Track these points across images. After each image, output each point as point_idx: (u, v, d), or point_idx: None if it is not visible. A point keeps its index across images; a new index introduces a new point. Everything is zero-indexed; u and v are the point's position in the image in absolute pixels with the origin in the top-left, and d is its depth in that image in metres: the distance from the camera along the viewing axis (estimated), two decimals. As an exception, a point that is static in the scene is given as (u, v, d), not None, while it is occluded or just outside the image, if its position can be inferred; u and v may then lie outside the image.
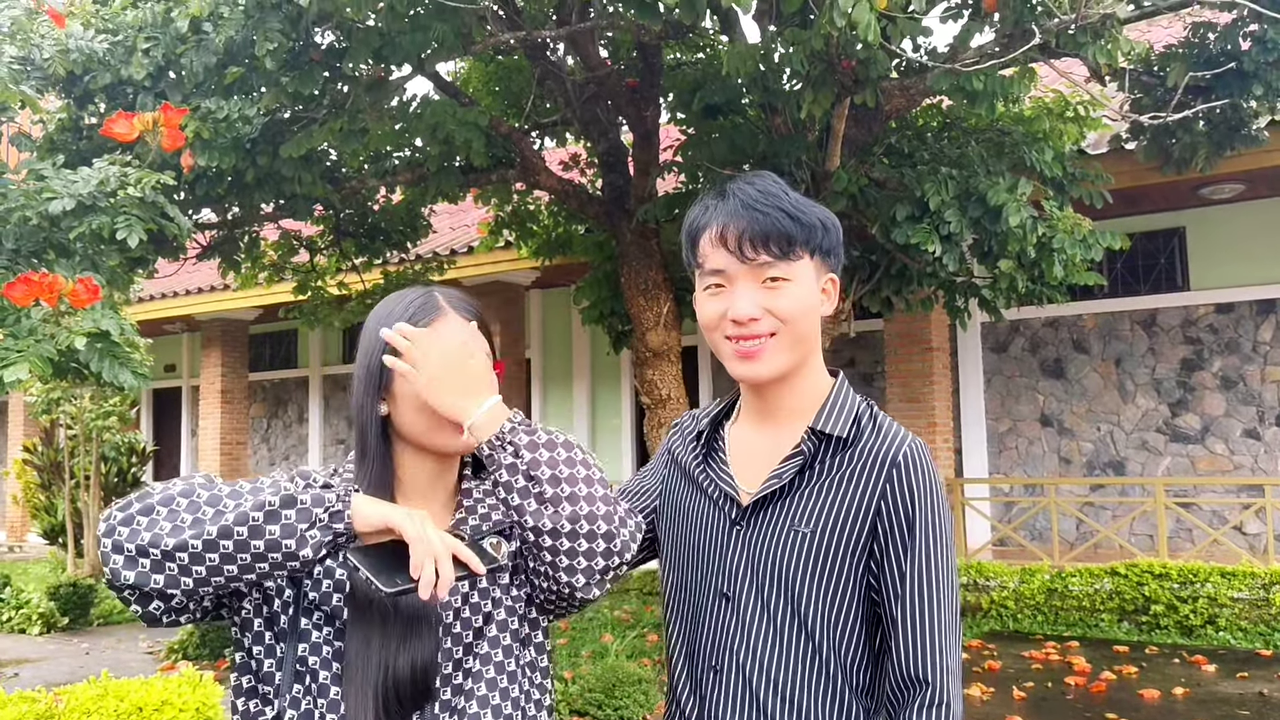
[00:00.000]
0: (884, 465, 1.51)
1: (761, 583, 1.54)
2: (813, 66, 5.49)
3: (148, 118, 4.01)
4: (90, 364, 3.71)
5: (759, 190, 1.53)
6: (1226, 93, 6.11)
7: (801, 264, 1.53)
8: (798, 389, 1.60)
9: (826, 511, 1.52)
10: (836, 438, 1.55)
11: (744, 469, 1.62)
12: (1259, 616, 7.39)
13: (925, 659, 1.44)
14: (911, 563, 1.47)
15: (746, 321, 1.51)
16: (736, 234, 1.51)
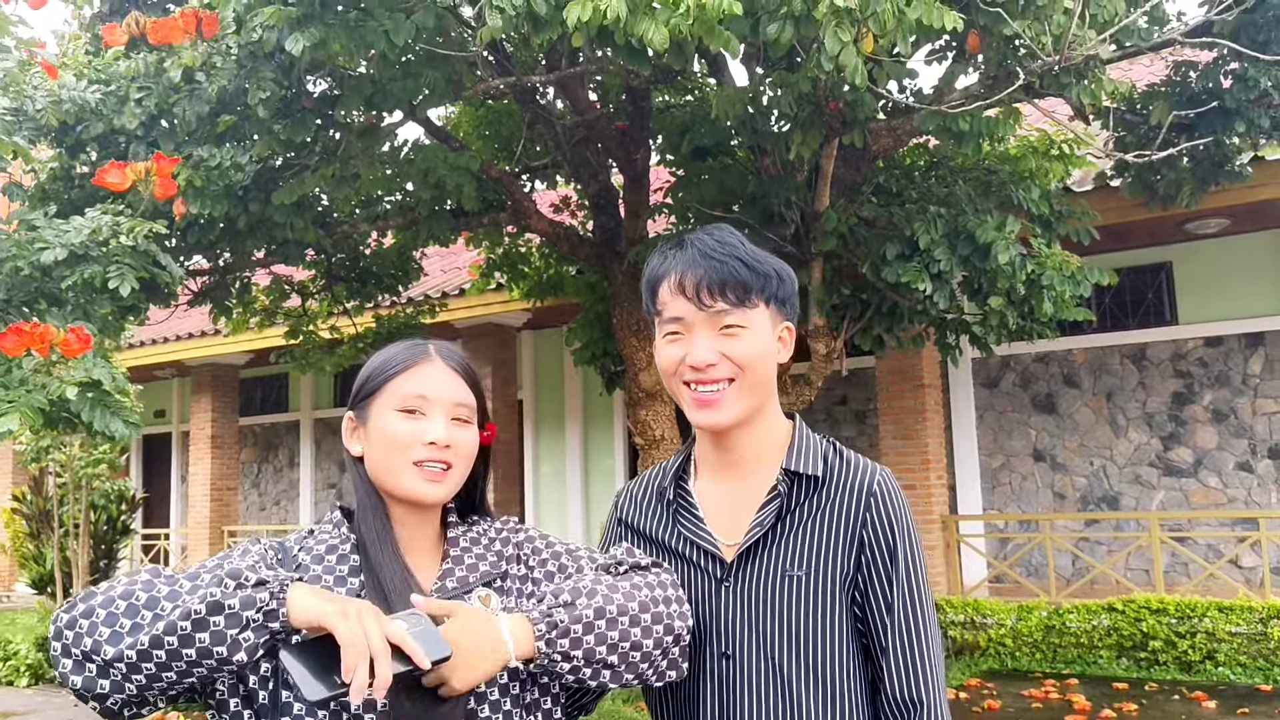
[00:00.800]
0: (861, 496, 1.57)
1: (763, 633, 1.54)
2: (800, 108, 5.55)
3: (140, 167, 4.03)
4: (81, 414, 3.69)
5: (716, 240, 1.57)
6: (1209, 130, 6.19)
7: (757, 312, 1.56)
8: (758, 434, 1.62)
9: (816, 550, 1.55)
10: (810, 477, 1.59)
11: (717, 524, 1.62)
12: (1258, 651, 7.36)
13: (918, 682, 1.52)
14: (897, 591, 1.53)
15: (704, 367, 1.54)
16: (694, 282, 1.54)
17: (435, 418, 1.46)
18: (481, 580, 1.46)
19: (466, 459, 1.49)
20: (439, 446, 1.44)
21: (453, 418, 1.48)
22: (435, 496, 1.45)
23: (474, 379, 1.53)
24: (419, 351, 1.51)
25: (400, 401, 1.46)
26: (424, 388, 1.47)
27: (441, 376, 1.49)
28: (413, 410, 1.46)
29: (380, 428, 1.46)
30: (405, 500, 1.46)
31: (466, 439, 1.49)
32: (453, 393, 1.49)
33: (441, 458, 1.44)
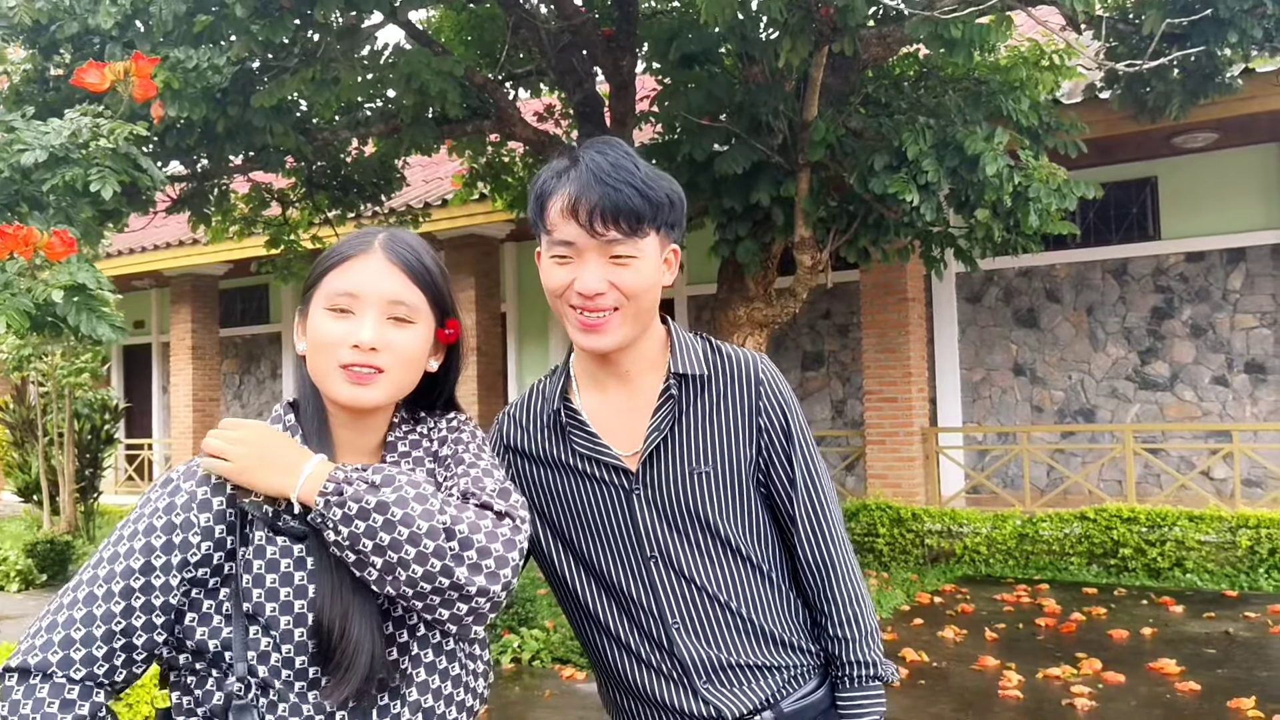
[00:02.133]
0: (751, 385, 1.64)
1: (684, 529, 1.61)
2: (791, 14, 5.46)
3: (119, 67, 3.93)
4: (68, 317, 3.67)
5: (611, 163, 1.53)
6: (1201, 40, 6.13)
7: (648, 240, 1.56)
8: (640, 348, 1.64)
9: (717, 444, 1.62)
10: (697, 376, 1.64)
11: (611, 436, 1.64)
12: (1225, 559, 7.57)
13: (829, 541, 1.65)
14: (798, 465, 1.64)
15: (593, 295, 1.54)
16: (588, 208, 1.51)
17: (365, 317, 1.36)
18: None
19: (405, 363, 1.38)
20: (364, 349, 1.34)
21: (390, 317, 1.37)
22: (363, 401, 1.36)
23: (421, 273, 1.41)
24: (360, 243, 1.41)
25: (330, 299, 1.37)
26: (355, 284, 1.37)
27: (378, 271, 1.38)
28: (342, 309, 1.36)
29: (312, 326, 1.38)
30: (337, 404, 1.38)
31: (403, 340, 1.38)
32: (388, 289, 1.37)
33: (369, 361, 1.34)
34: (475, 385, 11.42)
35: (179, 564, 1.29)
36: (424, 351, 1.42)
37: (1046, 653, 5.82)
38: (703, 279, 10.53)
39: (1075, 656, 5.64)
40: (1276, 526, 7.40)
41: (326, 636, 1.26)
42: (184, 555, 1.29)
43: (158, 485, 1.35)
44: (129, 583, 1.28)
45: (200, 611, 1.30)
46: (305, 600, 1.29)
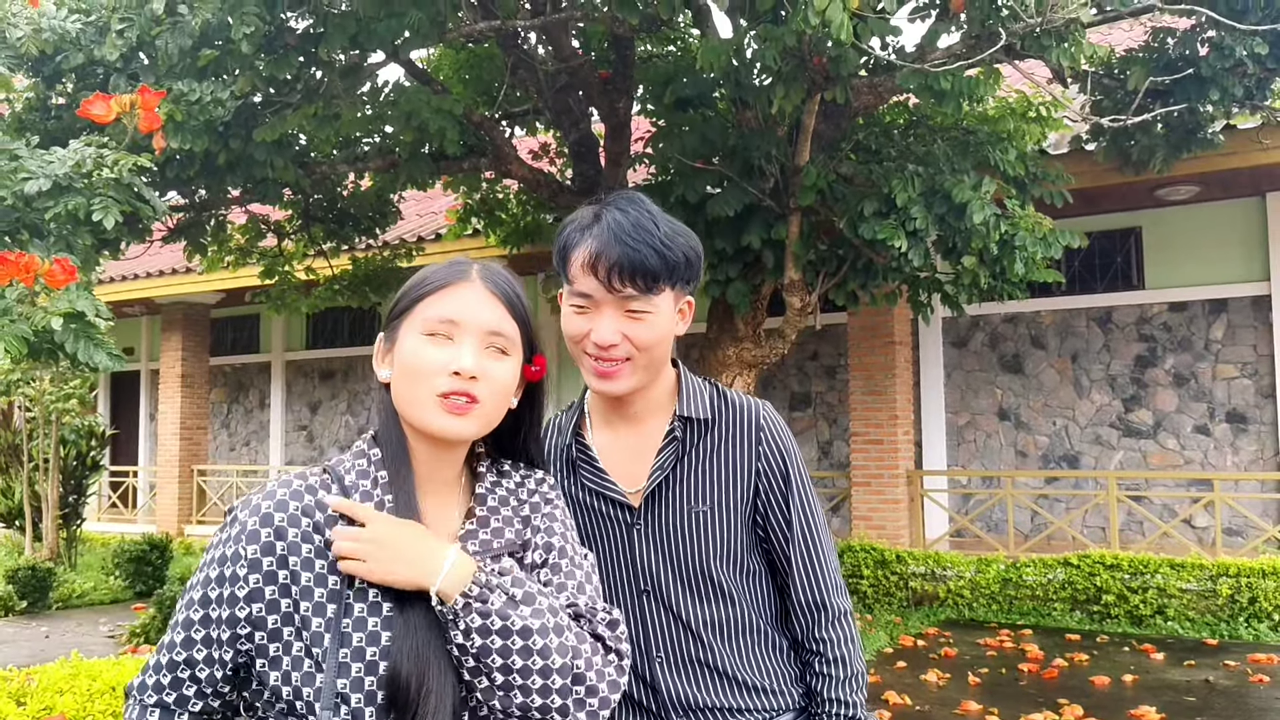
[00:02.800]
0: (752, 431, 1.73)
1: (677, 566, 1.69)
2: (784, 62, 5.58)
3: (125, 99, 4.00)
4: (65, 345, 3.71)
5: (632, 222, 1.60)
6: (1184, 97, 6.28)
7: (663, 296, 1.63)
8: (651, 393, 1.72)
9: (716, 485, 1.70)
10: (701, 420, 1.72)
11: (617, 473, 1.72)
12: (1206, 607, 7.62)
13: (823, 586, 1.72)
14: (795, 510, 1.71)
15: (607, 346, 1.61)
16: (606, 266, 1.58)
17: (464, 345, 1.31)
18: (506, 549, 1.35)
19: (498, 394, 1.34)
20: (464, 377, 1.29)
21: (486, 346, 1.33)
22: (458, 432, 1.31)
23: (517, 306, 1.38)
24: (457, 271, 1.38)
25: (428, 325, 1.32)
26: (455, 311, 1.32)
27: (478, 300, 1.34)
28: (441, 335, 1.32)
29: (404, 352, 1.33)
30: (426, 434, 1.33)
31: (499, 371, 1.34)
32: (488, 319, 1.34)
33: (467, 389, 1.30)
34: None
35: (228, 598, 1.27)
36: (514, 385, 1.39)
37: (1029, 698, 5.84)
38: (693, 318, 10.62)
39: (1057, 702, 5.66)
40: (1256, 576, 7.46)
41: (404, 689, 1.20)
42: (233, 589, 1.26)
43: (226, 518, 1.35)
44: (189, 614, 1.29)
45: (269, 656, 1.25)
46: (378, 647, 1.23)
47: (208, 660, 1.28)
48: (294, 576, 1.26)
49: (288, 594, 1.25)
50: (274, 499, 1.30)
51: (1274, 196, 8.96)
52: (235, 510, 1.32)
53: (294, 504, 1.30)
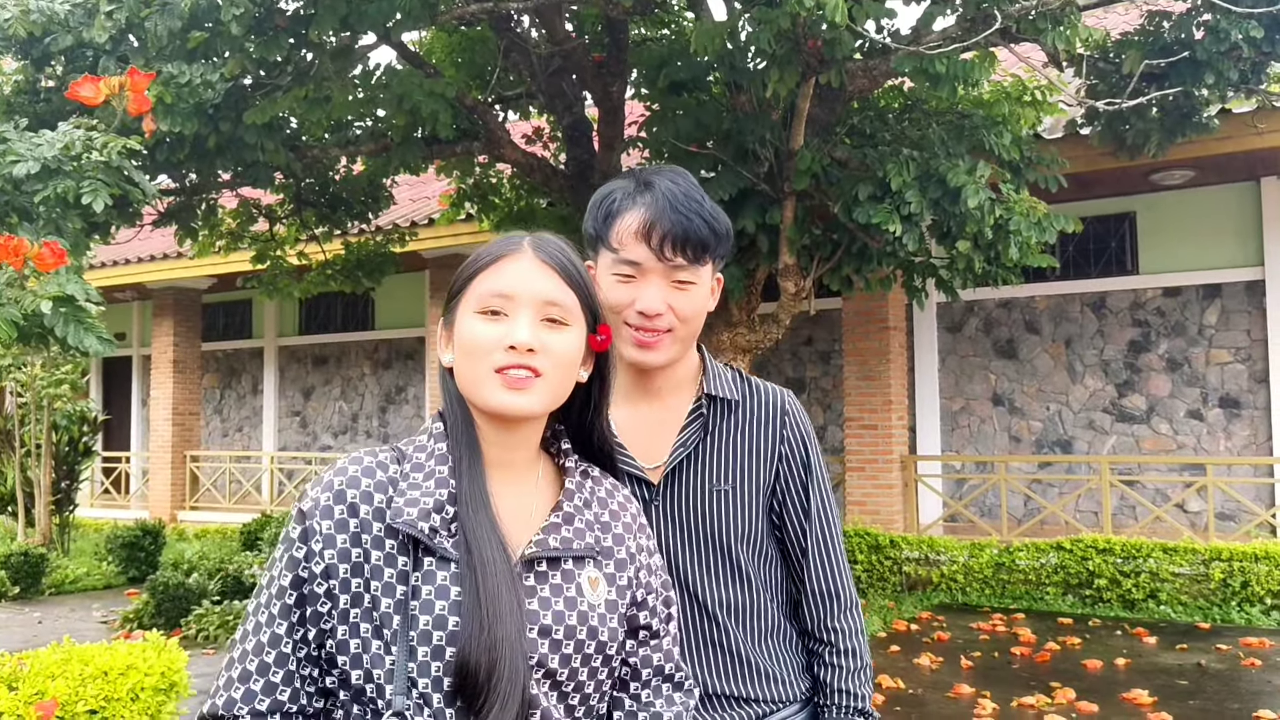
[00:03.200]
0: (776, 415, 1.73)
1: (697, 546, 1.67)
2: (779, 45, 5.55)
3: (114, 81, 3.97)
4: (55, 329, 3.68)
5: (684, 193, 1.61)
6: (1179, 80, 6.27)
7: (706, 269, 1.65)
8: (677, 370, 1.72)
9: (739, 466, 1.70)
10: (726, 400, 1.72)
11: (635, 449, 1.70)
12: (1199, 591, 7.65)
13: (838, 575, 1.73)
14: (814, 498, 1.72)
15: (653, 316, 1.61)
16: (660, 234, 1.58)
17: (520, 317, 1.28)
18: (585, 552, 1.30)
19: (561, 366, 1.30)
20: (521, 350, 1.26)
21: (544, 318, 1.29)
22: (520, 407, 1.27)
23: (573, 273, 1.33)
24: (509, 245, 1.34)
25: (481, 301, 1.29)
26: (508, 284, 1.29)
27: (530, 271, 1.30)
28: (495, 311, 1.29)
29: (462, 332, 1.30)
30: (490, 414, 1.29)
31: (559, 343, 1.29)
32: (542, 289, 1.29)
33: (526, 363, 1.26)
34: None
35: (307, 577, 1.23)
36: (579, 357, 1.33)
37: (1021, 681, 5.86)
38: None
39: (1050, 686, 5.68)
40: (1249, 560, 7.48)
41: (473, 674, 1.16)
42: (310, 565, 1.23)
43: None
44: (284, 601, 1.23)
45: (337, 639, 1.22)
46: (445, 632, 1.19)
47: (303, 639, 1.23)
48: (366, 555, 1.22)
49: (360, 573, 1.22)
50: (346, 474, 1.26)
51: (1268, 181, 8.96)
52: (307, 490, 1.28)
53: (366, 480, 1.26)
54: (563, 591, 1.26)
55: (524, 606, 1.22)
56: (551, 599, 1.25)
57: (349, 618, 1.21)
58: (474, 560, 1.20)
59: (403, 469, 1.28)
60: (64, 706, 3.48)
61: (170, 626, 7.34)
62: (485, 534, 1.22)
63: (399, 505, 1.23)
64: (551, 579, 1.26)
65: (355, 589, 1.22)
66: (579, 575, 1.28)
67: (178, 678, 3.88)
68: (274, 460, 14.26)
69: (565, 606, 1.25)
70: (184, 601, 7.59)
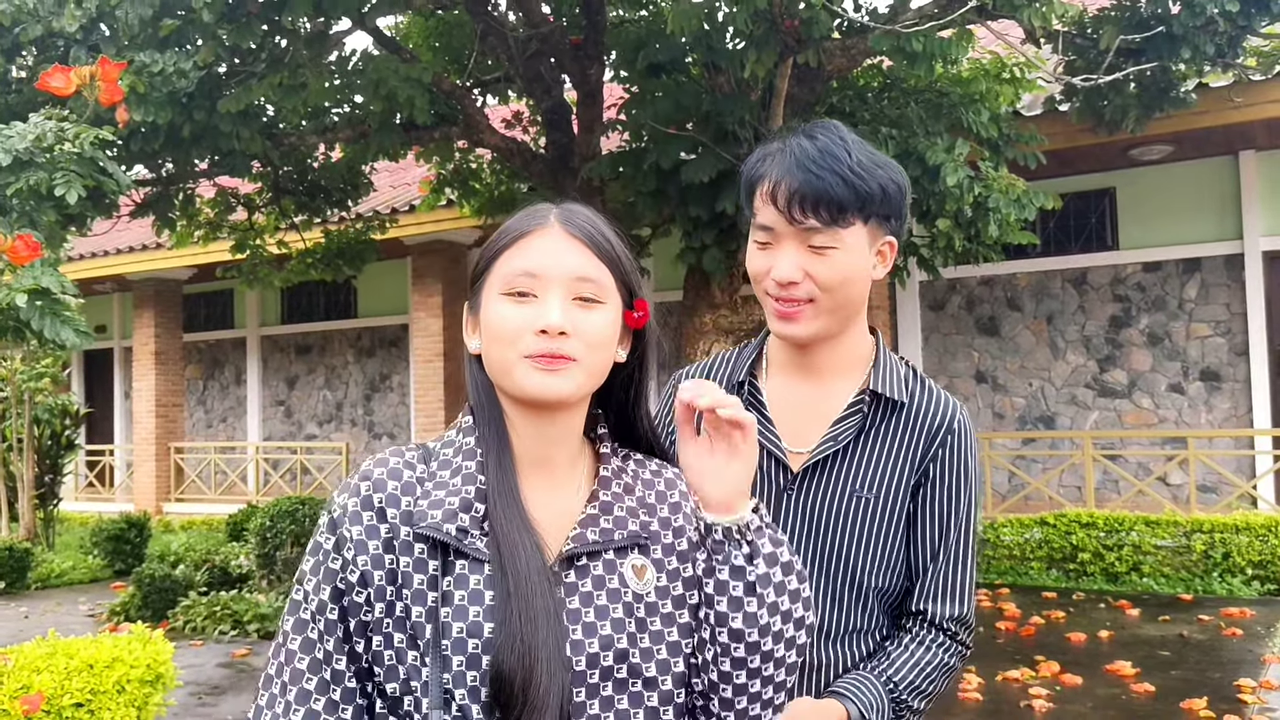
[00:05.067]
0: (938, 433, 1.54)
1: (819, 548, 1.53)
2: (756, 26, 5.53)
3: (84, 71, 3.93)
4: (31, 322, 3.66)
5: (819, 149, 1.46)
6: (1156, 55, 6.27)
7: (852, 231, 1.47)
8: (840, 349, 1.57)
9: (885, 475, 1.54)
10: (891, 400, 1.55)
11: (784, 428, 1.57)
12: (1181, 563, 7.72)
13: (964, 602, 1.56)
14: (955, 524, 1.54)
15: (787, 284, 1.48)
16: (787, 194, 1.45)
17: (550, 298, 1.17)
18: (629, 541, 1.21)
19: (596, 348, 1.19)
20: (553, 334, 1.16)
21: (576, 297, 1.19)
22: (554, 391, 1.17)
23: (604, 246, 1.22)
24: (534, 219, 1.23)
25: (507, 282, 1.19)
26: (535, 262, 1.19)
27: (557, 246, 1.20)
28: (522, 293, 1.18)
29: (489, 317, 1.20)
30: (523, 401, 1.20)
31: (593, 323, 1.19)
32: (572, 265, 1.19)
33: (558, 349, 1.16)
34: (442, 390, 11.41)
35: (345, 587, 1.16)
36: (615, 336, 1.23)
37: (1006, 655, 5.91)
38: (669, 286, 10.58)
39: (1034, 659, 5.73)
40: (1230, 531, 7.56)
41: (508, 684, 1.09)
42: (346, 576, 1.15)
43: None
44: (327, 617, 1.15)
45: (373, 649, 1.15)
46: (480, 640, 1.12)
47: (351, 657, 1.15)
48: (397, 561, 1.15)
49: (393, 580, 1.14)
50: (371, 478, 1.19)
51: (1246, 155, 9.00)
52: (333, 498, 1.21)
53: (392, 483, 1.18)
54: (605, 584, 1.18)
55: (562, 609, 1.14)
56: (594, 593, 1.17)
57: (383, 627, 1.14)
58: (505, 562, 1.12)
59: (430, 468, 1.21)
60: (49, 700, 3.47)
61: (157, 619, 7.33)
62: (517, 533, 1.14)
63: (423, 508, 1.16)
64: (593, 571, 1.18)
65: (389, 597, 1.14)
66: (621, 565, 1.19)
67: (164, 670, 3.88)
68: (259, 450, 14.22)
69: (609, 600, 1.17)
70: (171, 593, 7.57)
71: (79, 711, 3.55)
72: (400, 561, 1.14)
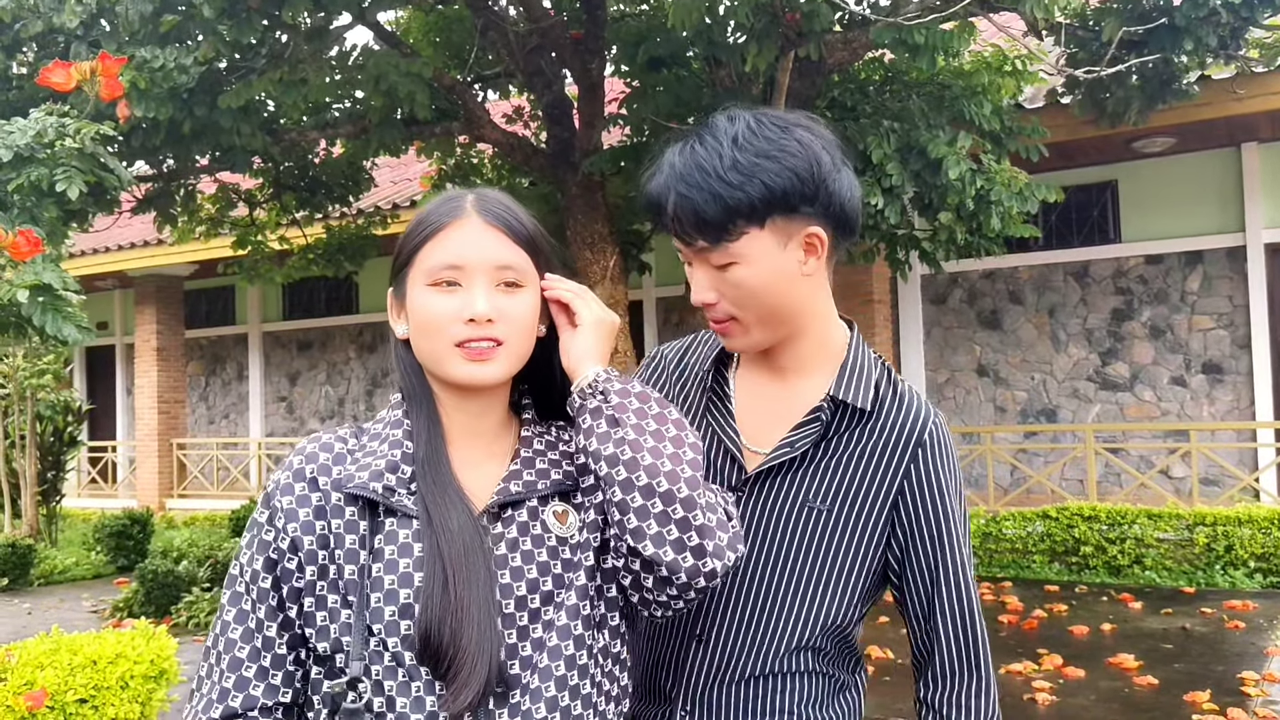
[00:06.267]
0: (909, 444, 1.41)
1: (763, 559, 1.42)
2: (757, 19, 5.52)
3: (85, 67, 3.92)
4: (33, 318, 3.66)
5: (693, 162, 1.33)
6: (1159, 47, 6.25)
7: (747, 239, 1.32)
8: (801, 348, 1.45)
9: (845, 487, 1.41)
10: (857, 408, 1.42)
11: (750, 424, 1.47)
12: (1183, 556, 7.71)
13: (973, 648, 1.43)
14: (945, 552, 1.41)
15: (705, 307, 1.39)
16: (668, 218, 1.35)
17: (474, 287, 1.23)
18: (553, 489, 1.27)
19: (521, 330, 1.26)
20: (480, 322, 1.22)
21: (497, 284, 1.24)
22: (484, 378, 1.23)
23: (521, 232, 1.27)
24: (450, 209, 1.27)
25: (432, 274, 1.24)
26: (457, 254, 1.23)
27: (478, 236, 1.25)
28: (448, 283, 1.23)
29: (415, 307, 1.25)
30: (454, 386, 1.26)
31: (517, 307, 1.25)
32: (493, 254, 1.24)
33: (487, 334, 1.22)
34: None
35: (278, 556, 1.21)
36: (536, 317, 1.30)
37: (1009, 649, 5.91)
38: (672, 280, 10.58)
39: (1037, 652, 5.73)
40: (1232, 524, 7.55)
41: (435, 637, 1.13)
42: (279, 545, 1.21)
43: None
44: (259, 585, 1.21)
45: (304, 611, 1.20)
46: (411, 590, 1.17)
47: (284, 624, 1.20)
48: (329, 526, 1.21)
49: (325, 544, 1.20)
50: (304, 452, 1.26)
51: (1249, 147, 8.98)
52: (270, 476, 1.29)
53: (324, 455, 1.25)
54: (529, 530, 1.24)
55: (490, 557, 1.19)
56: (519, 539, 1.23)
57: (316, 589, 1.20)
58: (432, 513, 1.18)
59: (361, 442, 1.28)
60: (53, 696, 3.48)
61: (160, 614, 7.34)
62: (444, 491, 1.20)
63: (351, 472, 1.23)
64: (518, 519, 1.24)
65: (322, 561, 1.20)
66: (543, 513, 1.25)
67: (167, 665, 3.88)
68: (261, 446, 14.22)
69: (534, 545, 1.23)
70: (174, 589, 7.58)
71: (83, 707, 3.56)
72: (331, 524, 1.21)
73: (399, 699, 1.15)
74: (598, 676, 1.25)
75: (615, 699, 1.29)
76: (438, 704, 1.15)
